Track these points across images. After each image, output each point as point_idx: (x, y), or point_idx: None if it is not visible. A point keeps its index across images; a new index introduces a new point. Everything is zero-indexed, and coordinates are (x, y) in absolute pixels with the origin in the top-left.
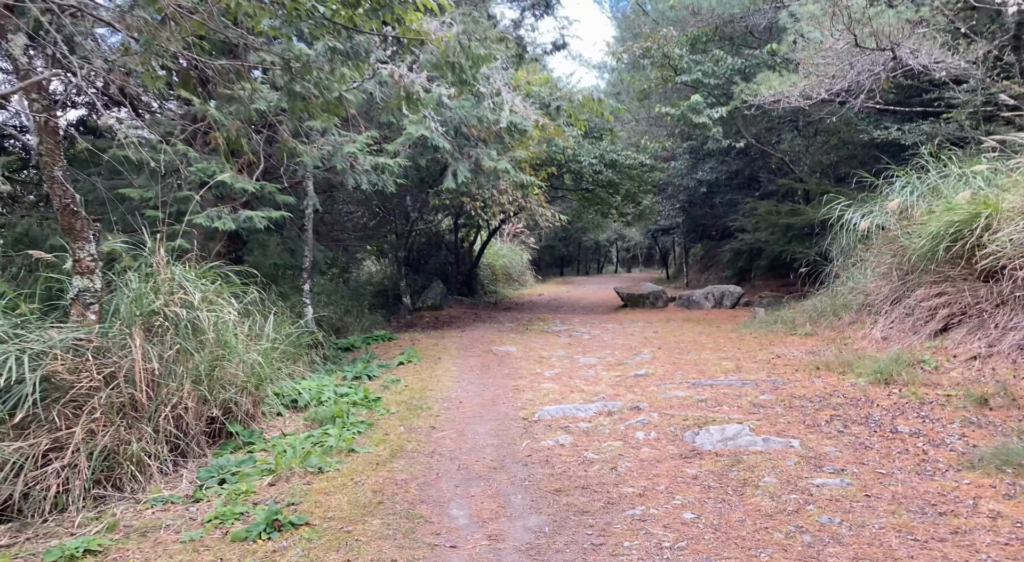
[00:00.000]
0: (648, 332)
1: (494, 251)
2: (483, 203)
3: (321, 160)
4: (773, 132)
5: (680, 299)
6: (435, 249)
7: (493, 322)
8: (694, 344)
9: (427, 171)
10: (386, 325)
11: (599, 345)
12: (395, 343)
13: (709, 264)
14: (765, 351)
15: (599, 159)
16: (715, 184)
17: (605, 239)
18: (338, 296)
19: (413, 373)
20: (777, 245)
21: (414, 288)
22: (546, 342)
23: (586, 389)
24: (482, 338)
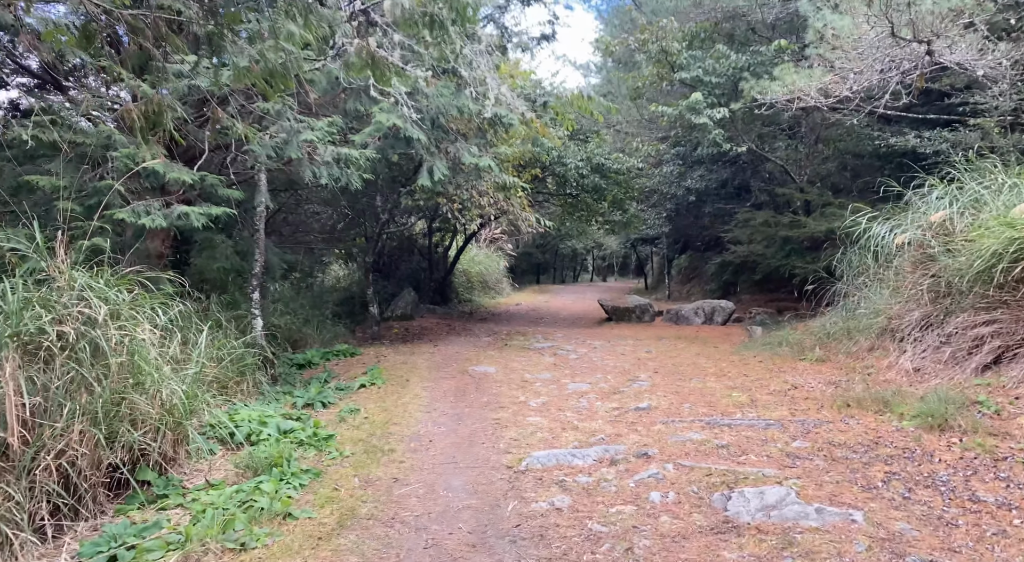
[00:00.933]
0: (640, 352)
1: (470, 257)
2: (461, 205)
3: (275, 149)
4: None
5: (668, 314)
6: (407, 254)
7: (469, 335)
8: (694, 368)
9: (399, 168)
10: (350, 337)
11: (588, 367)
12: (358, 359)
13: (692, 276)
14: (777, 379)
15: (585, 162)
16: (704, 193)
17: (582, 248)
18: (297, 304)
19: (376, 399)
20: (774, 259)
21: (383, 296)
22: (528, 361)
23: (580, 426)
24: (457, 355)
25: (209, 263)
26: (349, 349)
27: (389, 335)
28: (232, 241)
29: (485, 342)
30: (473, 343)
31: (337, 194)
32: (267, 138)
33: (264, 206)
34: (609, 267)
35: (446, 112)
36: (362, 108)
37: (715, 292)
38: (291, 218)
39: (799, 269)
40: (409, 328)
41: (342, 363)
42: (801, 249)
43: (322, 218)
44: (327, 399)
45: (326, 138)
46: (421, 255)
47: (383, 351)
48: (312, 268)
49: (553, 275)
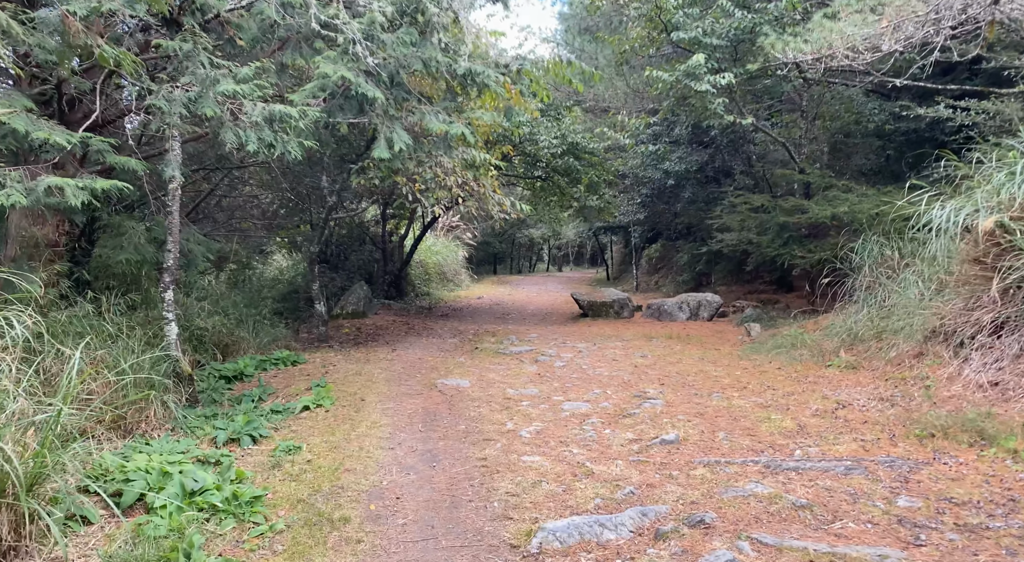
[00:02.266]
0: (634, 357)
1: (427, 247)
2: (424, 186)
3: (187, 106)
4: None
5: (649, 309)
6: (358, 244)
7: (431, 335)
8: (705, 378)
9: (348, 143)
10: (293, 340)
11: (580, 378)
12: (302, 369)
13: (660, 265)
14: (812, 394)
15: (560, 140)
16: (683, 176)
17: (539, 237)
18: (229, 301)
19: (323, 429)
20: (770, 248)
21: (332, 290)
22: (507, 370)
23: (596, 470)
24: (420, 362)
25: (114, 254)
26: (291, 356)
27: (339, 336)
28: (147, 226)
29: (451, 344)
30: (437, 345)
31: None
32: (177, 91)
33: (177, 181)
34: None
35: (408, 66)
36: (304, 61)
37: (688, 283)
38: (226, 202)
39: (798, 259)
40: (362, 327)
41: (282, 374)
42: (799, 237)
43: (263, 202)
44: (259, 431)
45: (255, 93)
46: (374, 244)
47: (332, 357)
48: (249, 259)
49: (510, 265)
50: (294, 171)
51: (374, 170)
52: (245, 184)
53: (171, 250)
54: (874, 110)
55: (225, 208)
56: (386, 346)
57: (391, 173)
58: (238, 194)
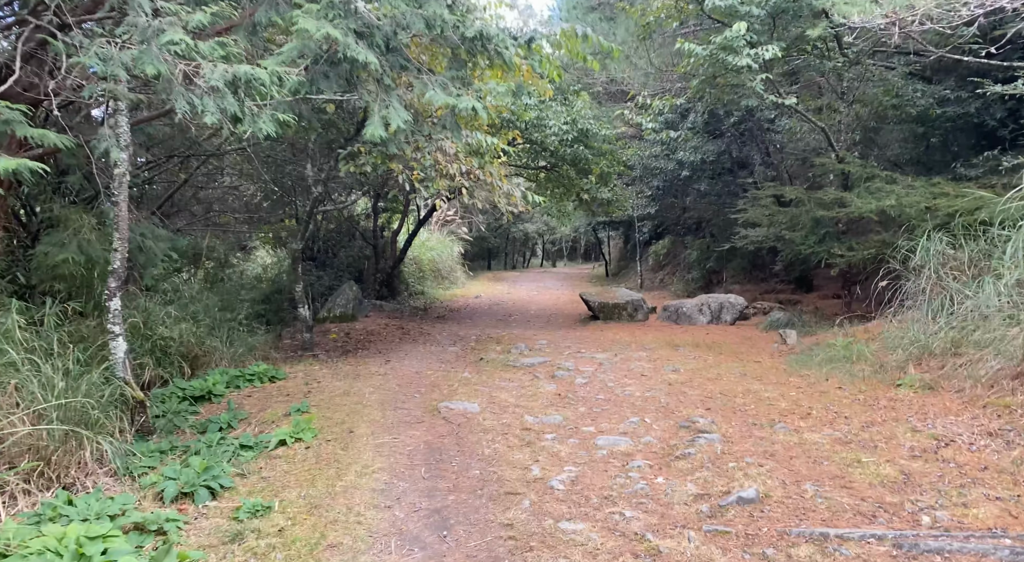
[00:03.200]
0: (665, 370)
1: (421, 242)
2: (423, 174)
3: (127, 66)
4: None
5: (666, 311)
6: (347, 239)
7: (428, 342)
8: (756, 400)
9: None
10: (274, 348)
11: (609, 399)
12: (280, 388)
13: (665, 262)
14: (896, 423)
15: (571, 125)
16: (698, 167)
17: (535, 231)
18: (201, 305)
19: (301, 477)
20: (805, 245)
21: (319, 289)
22: (521, 389)
23: (663, 547)
24: (418, 378)
25: (55, 252)
26: (268, 371)
27: (325, 343)
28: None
29: (452, 354)
30: (437, 355)
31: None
32: (115, 48)
33: (125, 165)
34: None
35: (408, 25)
36: (280, 20)
37: (697, 281)
38: (204, 194)
39: (836, 258)
40: (351, 333)
41: (257, 394)
42: (835, 233)
43: (245, 194)
44: (219, 480)
45: (215, 53)
46: (365, 240)
47: (316, 371)
48: (228, 256)
49: (504, 260)
50: (276, 159)
51: (366, 156)
52: (224, 174)
53: (118, 249)
54: (917, 93)
55: (202, 200)
56: (378, 356)
57: (385, 159)
58: (217, 185)
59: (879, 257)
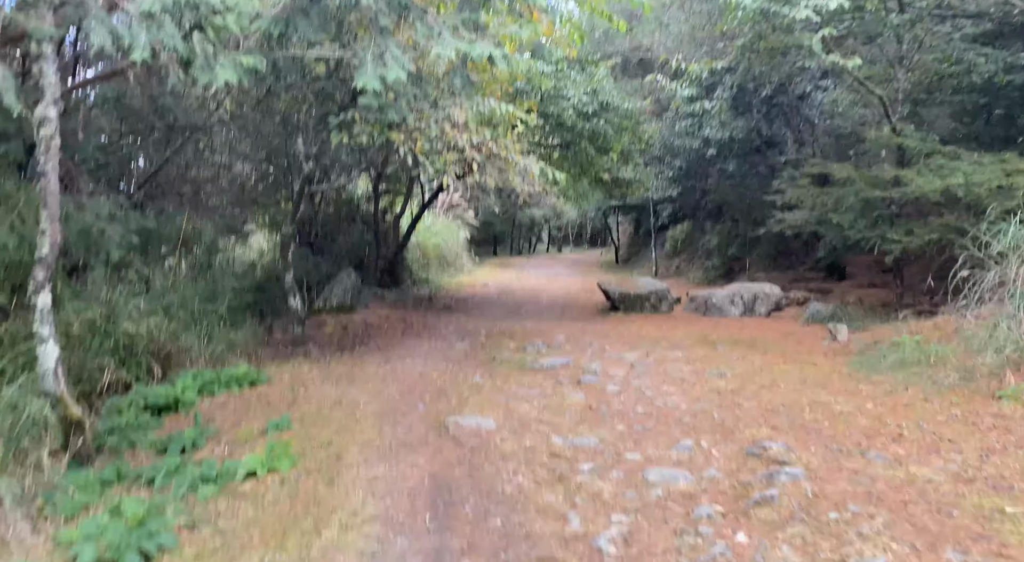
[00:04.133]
0: (709, 374)
1: (425, 227)
2: (429, 144)
3: None
4: None
5: (693, 302)
6: (347, 223)
7: (433, 337)
8: (829, 415)
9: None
10: (261, 344)
11: (650, 412)
12: (262, 394)
13: (681, 249)
14: (1021, 451)
15: (591, 96)
16: (726, 146)
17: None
18: (179, 296)
19: (269, 530)
20: (854, 229)
21: (316, 277)
22: (544, 399)
23: None
24: (422, 382)
25: None
26: (249, 373)
27: (320, 337)
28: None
29: (460, 351)
30: (443, 353)
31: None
32: None
33: (53, 124)
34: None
35: None
36: None
37: (718, 269)
38: (193, 174)
39: (892, 243)
40: (349, 326)
41: (233, 402)
42: (889, 216)
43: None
44: (156, 539)
45: None
46: (365, 224)
47: (305, 373)
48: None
49: (510, 246)
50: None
51: (361, 124)
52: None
53: (46, 231)
54: (981, 58)
55: (192, 181)
56: (377, 353)
57: (384, 129)
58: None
59: (942, 242)
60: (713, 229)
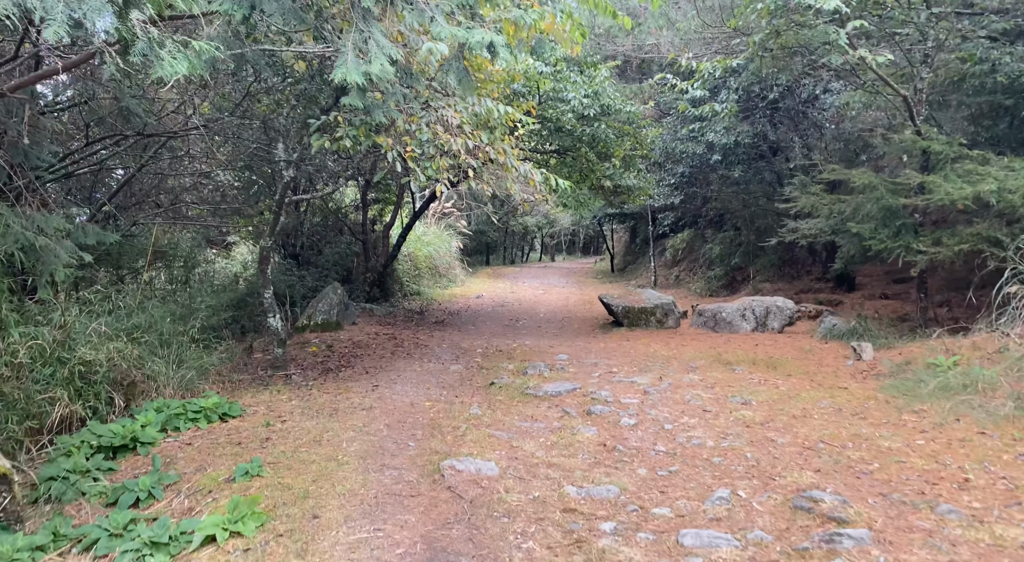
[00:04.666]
0: (732, 401)
1: (416, 237)
2: (420, 149)
3: None
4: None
5: (701, 316)
6: (333, 234)
7: (425, 357)
8: (876, 454)
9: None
10: (237, 369)
11: (674, 452)
12: (233, 431)
13: (680, 258)
14: None
15: (592, 99)
16: (731, 151)
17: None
18: (150, 314)
19: None
20: (875, 239)
21: (302, 291)
22: (551, 435)
23: None
24: (413, 413)
25: None
26: (220, 404)
27: (303, 359)
28: None
29: (455, 375)
30: (436, 377)
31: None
32: None
33: None
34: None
35: None
36: None
37: (720, 279)
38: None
39: (916, 255)
40: (334, 345)
41: (200, 441)
42: (913, 225)
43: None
44: None
45: None
46: (353, 235)
47: (283, 404)
48: (195, 254)
49: (503, 255)
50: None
51: (345, 127)
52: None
53: None
54: (1007, 57)
55: (170, 190)
56: (364, 378)
57: (370, 132)
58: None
59: (975, 253)
60: (715, 238)
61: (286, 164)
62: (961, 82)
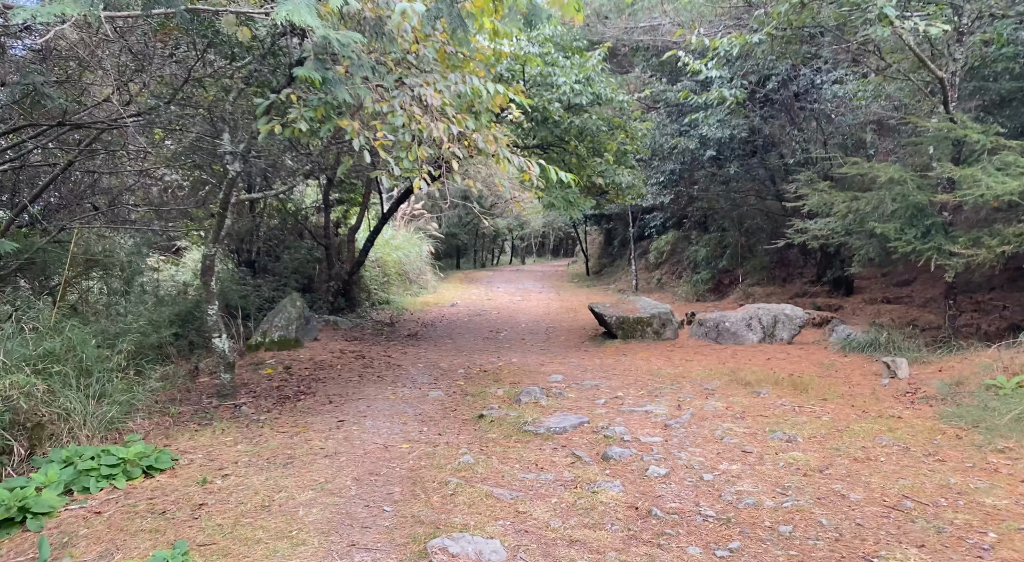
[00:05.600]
0: (772, 438)
1: (384, 241)
2: (392, 138)
3: None
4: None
5: (702, 326)
6: (293, 238)
7: (400, 381)
8: (984, 516)
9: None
10: (175, 399)
11: (726, 518)
12: (157, 490)
13: (661, 261)
14: None
15: (584, 85)
16: (726, 146)
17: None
18: (67, 336)
19: None
20: (902, 242)
21: (258, 302)
22: (564, 492)
23: None
24: (388, 460)
25: None
26: (144, 453)
27: (255, 385)
28: None
29: (435, 404)
30: (414, 407)
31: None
32: None
33: None
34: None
35: None
36: None
37: (707, 282)
38: (108, 183)
39: (948, 258)
40: (293, 366)
41: (111, 510)
42: (943, 224)
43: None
44: None
45: None
46: (315, 239)
47: (227, 449)
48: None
49: (473, 258)
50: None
51: (300, 107)
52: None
53: None
54: None
55: (107, 190)
56: (327, 409)
57: (331, 113)
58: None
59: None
60: (700, 239)
61: (232, 157)
62: (981, 67)
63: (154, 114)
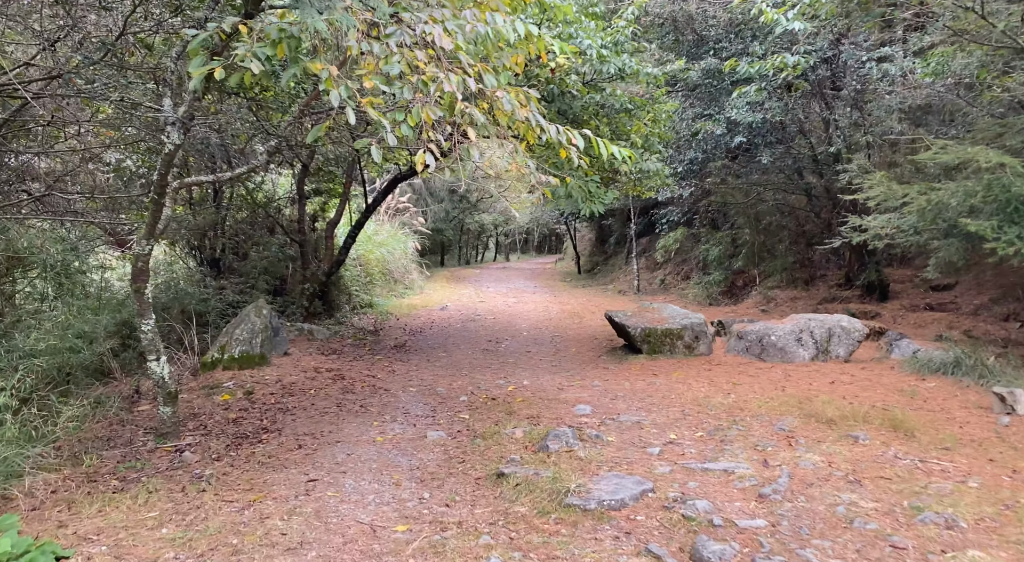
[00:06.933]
0: (929, 528)
1: (367, 236)
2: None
3: None
4: None
5: (742, 340)
6: (262, 233)
7: (388, 415)
8: None
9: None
10: (102, 435)
11: None
12: None
13: (664, 260)
14: None
15: (611, 50)
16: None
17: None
18: None
19: None
20: (1006, 238)
21: (221, 308)
22: None
23: None
24: (378, 560)
25: None
26: (23, 548)
27: (207, 416)
28: None
29: (435, 451)
30: (408, 457)
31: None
32: None
33: None
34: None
35: None
36: None
37: (719, 284)
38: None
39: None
40: (256, 391)
41: None
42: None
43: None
44: None
45: None
46: (288, 235)
47: (147, 531)
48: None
49: (458, 255)
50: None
51: (250, 39)
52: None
53: None
54: None
55: (39, 176)
56: (294, 462)
57: (295, 51)
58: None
59: None
60: (711, 237)
61: (171, 124)
62: None
63: (78, 75)
